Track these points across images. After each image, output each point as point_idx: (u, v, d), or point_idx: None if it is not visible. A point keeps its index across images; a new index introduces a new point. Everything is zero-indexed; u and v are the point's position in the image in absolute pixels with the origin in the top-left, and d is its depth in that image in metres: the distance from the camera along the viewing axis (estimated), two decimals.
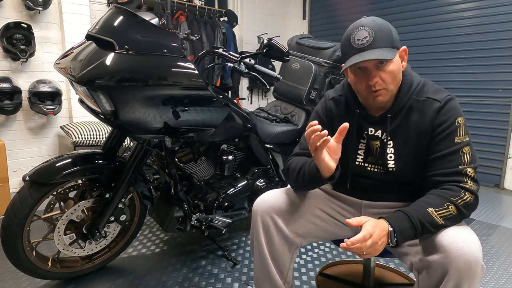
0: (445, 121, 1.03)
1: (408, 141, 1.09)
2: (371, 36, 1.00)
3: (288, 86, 2.34)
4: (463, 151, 1.01)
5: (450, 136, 1.02)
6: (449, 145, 1.02)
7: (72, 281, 1.72)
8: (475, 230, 2.43)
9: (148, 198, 1.79)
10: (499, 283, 1.79)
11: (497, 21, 3.33)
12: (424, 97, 1.07)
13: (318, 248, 2.12)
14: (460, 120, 1.03)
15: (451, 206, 0.97)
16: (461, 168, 1.00)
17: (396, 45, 1.03)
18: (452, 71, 3.67)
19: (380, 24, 1.02)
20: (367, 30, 1.00)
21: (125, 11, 1.39)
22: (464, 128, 1.03)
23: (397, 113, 1.09)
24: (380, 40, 1.00)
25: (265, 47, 1.61)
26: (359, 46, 1.01)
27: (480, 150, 3.56)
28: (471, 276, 0.89)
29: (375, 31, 1.00)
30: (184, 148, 1.79)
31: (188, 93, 1.46)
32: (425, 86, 1.10)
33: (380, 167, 1.16)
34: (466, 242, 0.91)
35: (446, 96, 1.06)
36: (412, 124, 1.08)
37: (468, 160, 1.01)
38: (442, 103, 1.04)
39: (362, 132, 1.17)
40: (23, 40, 2.81)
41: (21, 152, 3.05)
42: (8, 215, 1.46)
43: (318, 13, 4.92)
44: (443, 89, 1.10)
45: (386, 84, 1.04)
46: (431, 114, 1.05)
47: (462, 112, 1.05)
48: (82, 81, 1.26)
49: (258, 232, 1.16)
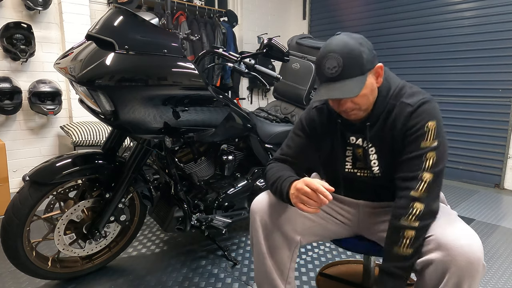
0: (414, 125, 1.02)
1: (388, 145, 1.09)
2: (340, 67, 0.98)
3: (288, 86, 2.34)
4: (426, 156, 1.00)
5: (416, 140, 1.02)
6: (413, 149, 1.02)
7: (72, 281, 1.72)
8: (475, 230, 2.43)
9: (148, 198, 1.79)
10: (499, 283, 1.79)
11: (497, 21, 3.33)
12: (399, 101, 1.07)
13: (318, 248, 2.12)
14: (430, 124, 1.01)
15: (406, 232, 0.98)
16: (418, 173, 1.00)
17: (368, 68, 1.01)
18: (452, 71, 3.67)
19: (350, 49, 0.99)
20: (336, 59, 0.99)
21: (125, 11, 1.39)
22: (433, 133, 1.01)
23: (376, 120, 1.10)
24: (349, 69, 0.98)
25: (265, 47, 1.61)
26: (328, 75, 1.00)
27: (480, 150, 3.56)
28: (472, 275, 0.89)
29: (344, 59, 0.98)
30: (184, 148, 1.79)
31: (188, 93, 1.46)
32: (402, 89, 1.09)
33: (368, 172, 1.17)
34: (468, 241, 0.91)
35: (419, 100, 1.04)
36: (389, 128, 1.08)
37: (430, 165, 1.00)
38: (414, 107, 1.03)
39: (345, 140, 1.18)
40: (23, 40, 2.81)
41: (21, 152, 3.05)
42: (8, 215, 1.46)
43: (318, 13, 4.92)
44: (422, 91, 1.08)
45: (359, 105, 1.04)
46: (403, 119, 1.04)
47: (437, 115, 1.03)
48: (82, 81, 1.26)
49: (257, 232, 1.16)
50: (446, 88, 3.72)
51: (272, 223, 1.14)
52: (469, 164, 3.64)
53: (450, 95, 3.70)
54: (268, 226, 1.15)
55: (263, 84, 1.66)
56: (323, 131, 1.21)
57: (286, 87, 2.36)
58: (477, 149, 3.58)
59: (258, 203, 1.18)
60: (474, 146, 3.59)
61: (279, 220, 1.14)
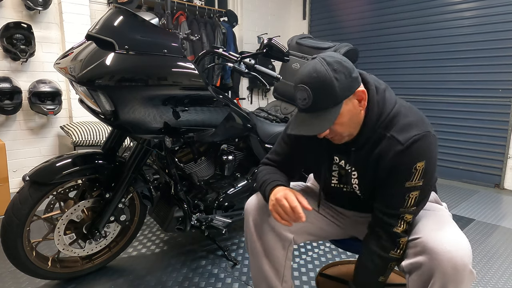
0: (402, 164, 0.97)
1: (371, 173, 1.05)
2: (309, 99, 0.94)
3: (288, 86, 2.34)
4: (409, 195, 0.98)
5: (402, 179, 0.98)
6: (397, 186, 0.99)
7: (72, 281, 1.72)
8: (475, 230, 2.43)
9: (148, 198, 1.79)
10: (499, 283, 1.79)
11: (497, 21, 3.33)
12: (390, 133, 0.99)
13: (318, 248, 2.12)
14: (419, 165, 0.96)
15: (393, 264, 1.03)
16: (401, 211, 1.00)
17: (344, 96, 0.93)
18: (452, 71, 3.67)
19: (320, 80, 0.92)
20: (306, 92, 0.94)
21: (125, 11, 1.39)
22: (421, 173, 0.96)
23: (362, 146, 1.04)
24: (320, 101, 0.93)
25: (265, 47, 1.61)
26: (300, 106, 0.97)
27: (480, 150, 3.56)
28: (457, 281, 0.88)
29: (313, 91, 0.93)
30: (184, 148, 1.79)
31: (188, 93, 1.46)
32: (395, 118, 0.99)
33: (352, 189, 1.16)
34: (455, 246, 0.90)
35: (412, 137, 0.95)
36: (375, 158, 1.02)
37: (411, 204, 0.99)
38: (404, 146, 0.95)
39: (331, 157, 1.15)
40: (23, 40, 2.81)
41: (21, 152, 3.05)
42: (8, 215, 1.46)
43: (318, 13, 4.92)
44: (417, 122, 0.99)
45: (339, 132, 0.99)
46: (391, 156, 0.98)
47: (428, 154, 0.97)
48: (82, 81, 1.26)
49: (251, 232, 1.16)
50: (446, 88, 3.72)
51: (265, 223, 1.15)
52: (469, 164, 3.64)
53: (450, 95, 3.70)
54: (261, 226, 1.16)
55: (263, 84, 1.66)
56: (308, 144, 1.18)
57: (286, 87, 2.36)
58: (477, 149, 3.58)
59: (251, 204, 1.19)
60: (474, 146, 3.59)
61: (271, 220, 1.15)
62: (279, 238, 1.16)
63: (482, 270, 1.91)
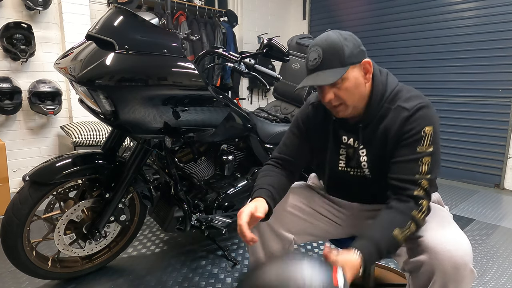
0: (411, 129, 1.01)
1: (380, 149, 1.08)
2: (319, 58, 1.01)
3: (288, 86, 2.34)
4: (422, 161, 0.99)
5: (413, 144, 1.00)
6: (409, 153, 1.01)
7: (72, 281, 1.72)
8: (475, 230, 2.43)
9: (148, 198, 1.79)
10: (499, 283, 1.79)
11: (497, 21, 3.33)
12: (395, 104, 1.05)
13: (318, 248, 2.12)
14: (427, 129, 1.00)
15: (412, 224, 0.96)
16: (417, 177, 0.99)
17: (350, 62, 1.01)
18: (452, 71, 3.67)
19: (331, 43, 1.01)
20: (317, 52, 1.02)
21: (125, 11, 1.39)
22: (430, 138, 1.00)
23: (369, 122, 1.08)
24: (328, 60, 1.00)
25: (265, 47, 1.60)
26: (310, 67, 1.04)
27: (480, 150, 3.56)
28: (457, 280, 0.88)
29: (324, 51, 1.01)
30: (184, 148, 1.79)
31: (188, 93, 1.46)
32: (399, 93, 1.07)
33: (360, 171, 1.16)
34: (455, 245, 0.90)
35: (417, 104, 1.02)
36: (382, 131, 1.06)
37: (425, 170, 0.99)
38: (411, 112, 1.01)
39: (339, 138, 1.17)
40: (23, 40, 2.81)
41: (21, 152, 3.05)
42: (8, 215, 1.46)
43: (318, 13, 4.92)
44: (419, 95, 1.06)
45: (343, 100, 1.03)
46: (399, 123, 1.02)
47: (434, 120, 1.02)
48: (82, 81, 1.26)
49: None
50: (446, 88, 3.71)
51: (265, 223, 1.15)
52: (469, 164, 3.64)
53: (450, 95, 3.70)
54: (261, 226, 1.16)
55: (263, 84, 1.66)
56: (317, 128, 1.20)
57: (286, 87, 2.36)
58: (477, 149, 3.58)
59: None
60: (474, 146, 3.59)
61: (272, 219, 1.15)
62: (279, 238, 1.16)
63: (482, 270, 1.91)
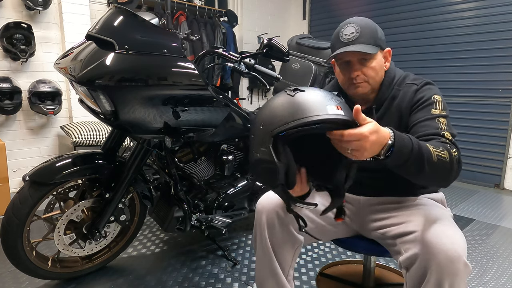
0: (422, 97, 1.10)
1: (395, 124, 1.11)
2: (357, 32, 1.08)
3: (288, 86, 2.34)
4: (439, 120, 1.04)
5: (426, 107, 1.08)
6: (425, 115, 1.06)
7: (72, 281, 1.72)
8: (475, 230, 2.43)
9: (148, 198, 1.79)
10: (499, 283, 1.79)
11: (497, 21, 3.33)
12: (403, 85, 1.15)
13: (318, 248, 2.12)
14: (436, 96, 1.09)
15: (445, 151, 0.93)
16: (440, 131, 1.01)
17: (379, 44, 1.11)
18: (452, 71, 3.67)
19: (367, 22, 1.11)
20: (354, 27, 1.09)
21: (125, 11, 1.39)
22: (441, 104, 1.08)
23: (381, 104, 1.17)
24: (365, 36, 1.08)
25: (265, 47, 1.61)
26: (345, 40, 1.09)
27: (480, 150, 3.56)
28: (453, 273, 0.88)
29: (361, 28, 1.09)
30: (184, 148, 1.79)
31: (188, 93, 1.46)
32: (406, 77, 1.18)
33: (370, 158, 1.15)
34: (449, 239, 0.91)
35: (423, 80, 1.14)
36: (395, 110, 1.14)
37: (445, 128, 1.03)
38: (419, 85, 1.12)
39: None
40: (23, 40, 2.81)
41: (21, 152, 3.05)
42: (8, 215, 1.46)
43: (318, 13, 4.92)
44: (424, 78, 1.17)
45: (368, 77, 1.12)
46: (409, 96, 1.12)
47: (440, 93, 1.11)
48: (82, 81, 1.26)
49: (263, 229, 1.17)
50: (446, 88, 3.71)
51: (279, 220, 1.16)
52: (469, 164, 3.64)
53: (450, 95, 3.70)
54: (274, 223, 1.16)
55: (263, 84, 1.66)
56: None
57: (286, 87, 2.36)
58: (477, 149, 3.58)
59: (265, 201, 1.19)
60: (474, 146, 3.59)
61: (285, 219, 1.15)
62: (290, 237, 1.17)
63: (482, 270, 1.91)
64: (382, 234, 1.18)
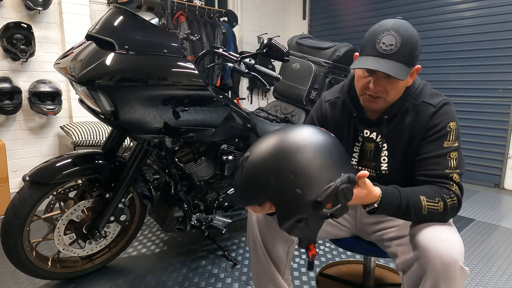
0: (437, 124, 1.03)
1: (401, 143, 1.09)
2: (396, 46, 0.96)
3: (288, 86, 2.34)
4: (450, 155, 1.01)
5: (439, 139, 1.03)
6: (437, 148, 1.02)
7: (72, 281, 1.72)
8: (475, 230, 2.43)
9: (148, 198, 1.78)
10: (499, 283, 1.79)
11: (497, 21, 3.33)
12: (420, 101, 1.08)
13: (318, 248, 2.12)
14: (452, 125, 1.03)
15: (440, 203, 0.96)
16: (448, 172, 1.00)
17: (414, 63, 1.01)
18: (452, 71, 3.67)
19: (410, 36, 0.98)
20: (396, 38, 0.97)
21: (125, 11, 1.39)
22: (455, 134, 1.03)
23: (393, 116, 1.10)
24: (403, 52, 0.97)
25: (265, 47, 1.61)
26: (381, 51, 0.98)
27: (480, 150, 3.56)
28: (448, 277, 0.88)
29: (403, 41, 0.96)
30: (184, 148, 1.79)
31: (188, 93, 1.46)
32: (423, 90, 1.10)
33: (372, 171, 1.16)
34: (446, 243, 0.90)
35: (441, 101, 1.06)
36: (407, 126, 1.08)
37: (454, 165, 1.01)
38: (436, 108, 1.05)
39: (357, 135, 1.17)
40: (23, 40, 2.81)
41: (21, 152, 3.05)
42: (8, 215, 1.46)
43: (318, 13, 4.92)
44: (441, 93, 1.10)
45: (387, 95, 1.04)
46: (425, 119, 1.05)
47: (456, 117, 1.06)
48: (82, 81, 1.26)
49: (254, 228, 1.17)
50: (446, 88, 3.71)
51: (268, 219, 1.15)
52: (469, 164, 3.64)
53: (450, 95, 3.70)
54: (264, 222, 1.16)
55: (263, 84, 1.66)
56: (333, 126, 1.20)
57: (286, 87, 2.36)
58: (477, 149, 3.58)
59: None
60: (474, 146, 3.59)
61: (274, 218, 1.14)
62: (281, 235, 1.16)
63: (482, 270, 1.91)
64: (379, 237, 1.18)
